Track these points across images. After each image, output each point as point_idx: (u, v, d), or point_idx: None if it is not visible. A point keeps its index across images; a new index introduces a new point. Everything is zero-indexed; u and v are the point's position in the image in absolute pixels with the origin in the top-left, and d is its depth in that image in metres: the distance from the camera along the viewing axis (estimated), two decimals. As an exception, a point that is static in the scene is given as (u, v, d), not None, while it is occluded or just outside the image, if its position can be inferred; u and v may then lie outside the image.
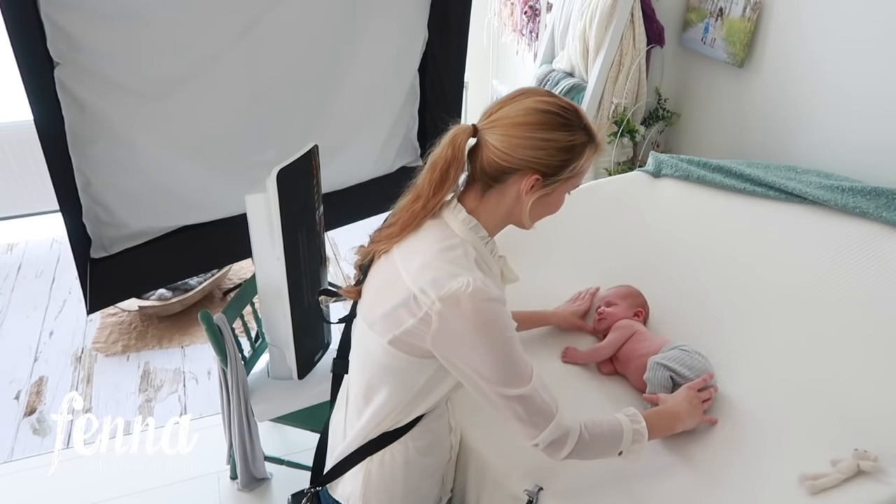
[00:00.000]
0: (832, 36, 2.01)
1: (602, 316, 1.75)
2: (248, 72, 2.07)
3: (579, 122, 1.08)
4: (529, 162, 1.05)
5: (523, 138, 1.05)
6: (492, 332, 1.04)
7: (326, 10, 2.13)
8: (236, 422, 1.97)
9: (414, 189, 1.12)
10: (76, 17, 1.71)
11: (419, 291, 1.04)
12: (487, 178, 1.09)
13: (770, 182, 1.88)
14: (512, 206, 1.12)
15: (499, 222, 1.15)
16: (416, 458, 1.20)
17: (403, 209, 1.12)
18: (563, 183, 1.10)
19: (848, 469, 1.27)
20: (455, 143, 1.07)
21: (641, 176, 2.11)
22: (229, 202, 2.21)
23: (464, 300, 1.01)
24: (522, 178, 1.07)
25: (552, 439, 1.09)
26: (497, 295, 1.04)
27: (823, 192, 1.79)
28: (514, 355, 1.07)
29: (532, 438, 1.09)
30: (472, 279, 1.02)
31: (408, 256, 1.10)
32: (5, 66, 1.85)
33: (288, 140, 2.19)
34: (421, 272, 1.05)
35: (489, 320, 1.03)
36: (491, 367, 1.05)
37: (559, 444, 1.10)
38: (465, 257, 1.07)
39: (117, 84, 1.87)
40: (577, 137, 1.07)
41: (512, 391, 1.06)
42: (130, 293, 2.59)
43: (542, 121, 1.05)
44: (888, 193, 1.71)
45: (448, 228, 1.11)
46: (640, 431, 1.20)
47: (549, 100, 1.07)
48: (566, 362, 1.67)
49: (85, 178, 1.95)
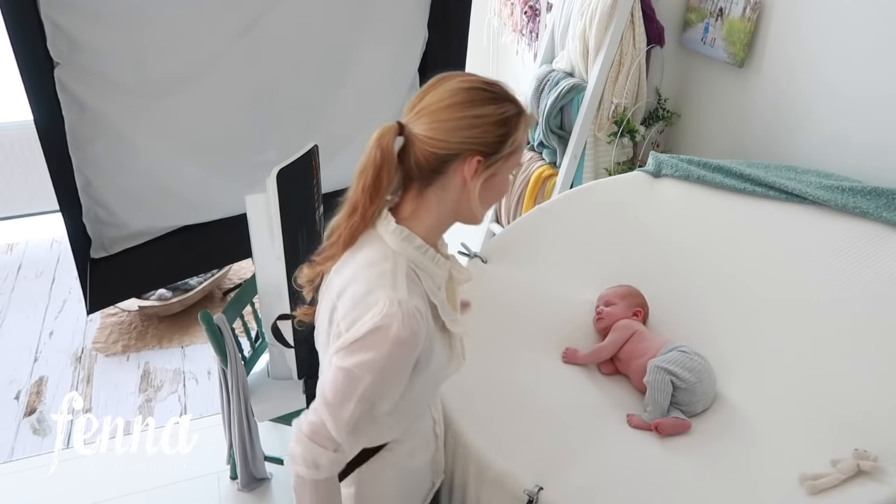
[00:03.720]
0: (832, 36, 2.01)
1: (601, 315, 1.75)
2: (249, 72, 2.07)
3: (506, 94, 1.04)
4: (467, 143, 1.00)
5: (455, 119, 0.99)
6: (374, 360, 0.98)
7: (326, 10, 2.13)
8: (236, 422, 1.97)
9: (348, 201, 1.05)
10: (76, 17, 1.71)
11: (340, 311, 1.02)
12: (425, 175, 1.03)
13: (770, 182, 1.88)
14: (458, 200, 1.05)
15: (443, 222, 1.08)
16: (406, 460, 1.21)
17: (341, 225, 1.06)
18: (504, 161, 1.04)
19: (848, 469, 1.27)
20: (382, 143, 1.01)
21: (641, 176, 2.11)
22: (229, 202, 2.21)
23: (372, 324, 0.97)
24: (463, 163, 1.01)
25: (301, 455, 1.04)
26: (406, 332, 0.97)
27: (823, 192, 1.79)
28: (371, 391, 1.00)
29: (300, 432, 1.05)
30: (389, 301, 0.97)
31: (341, 273, 1.06)
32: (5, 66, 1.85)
33: (288, 140, 2.18)
34: (345, 288, 1.02)
35: (383, 352, 0.97)
36: (346, 379, 1.00)
37: (297, 461, 1.05)
38: (391, 272, 1.01)
39: (117, 84, 1.87)
40: (507, 109, 1.02)
41: (337, 408, 1.01)
42: (130, 293, 2.59)
43: (469, 98, 1.00)
44: (888, 193, 1.71)
45: (381, 242, 1.05)
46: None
47: (471, 78, 1.03)
48: (567, 363, 1.68)
49: (85, 178, 1.95)
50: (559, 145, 2.68)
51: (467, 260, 1.81)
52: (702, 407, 1.55)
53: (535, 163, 2.81)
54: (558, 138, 2.68)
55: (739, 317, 1.73)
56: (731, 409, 1.52)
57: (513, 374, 1.58)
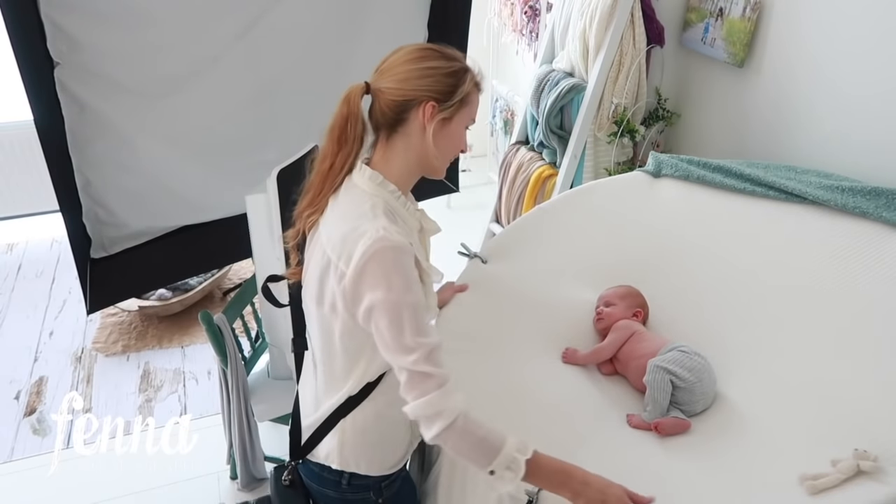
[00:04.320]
0: (832, 36, 2.01)
1: (601, 316, 1.75)
2: (249, 72, 2.07)
3: (453, 55, 1.19)
4: (421, 90, 1.14)
5: (410, 71, 1.15)
6: (391, 280, 1.07)
7: (326, 10, 2.13)
8: (236, 422, 1.97)
9: (320, 154, 1.20)
10: (76, 17, 1.71)
11: (335, 256, 1.11)
12: (389, 123, 1.17)
13: (770, 182, 1.88)
14: (419, 146, 1.18)
15: (411, 170, 1.21)
16: (386, 409, 1.25)
17: (314, 174, 1.21)
18: (458, 109, 1.17)
19: (848, 469, 1.27)
20: (349, 99, 1.16)
21: (641, 176, 2.11)
22: (229, 202, 2.21)
23: (369, 254, 1.07)
24: (419, 108, 1.15)
25: (422, 414, 1.08)
26: (399, 241, 1.09)
27: (823, 192, 1.79)
28: (407, 314, 1.08)
29: (407, 402, 1.09)
30: (375, 229, 1.08)
31: (328, 225, 1.18)
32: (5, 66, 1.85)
33: (288, 140, 2.18)
34: (335, 236, 1.13)
35: (389, 268, 1.08)
36: (385, 322, 1.08)
37: (428, 421, 1.08)
38: (371, 210, 1.13)
39: (117, 84, 1.87)
40: (455, 64, 1.18)
41: (400, 356, 1.08)
42: (130, 293, 2.59)
43: (423, 55, 1.17)
44: (888, 193, 1.71)
45: (359, 189, 1.17)
46: (518, 462, 1.10)
47: (428, 44, 1.21)
48: (566, 363, 1.67)
49: (85, 178, 1.95)
50: (559, 145, 2.68)
51: (467, 260, 1.81)
52: (702, 407, 1.54)
53: (535, 163, 2.81)
54: (558, 138, 2.68)
55: (739, 317, 1.73)
56: (730, 409, 1.52)
57: (512, 374, 1.58)
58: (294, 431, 1.33)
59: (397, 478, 1.34)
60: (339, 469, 1.26)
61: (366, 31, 2.25)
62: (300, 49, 2.15)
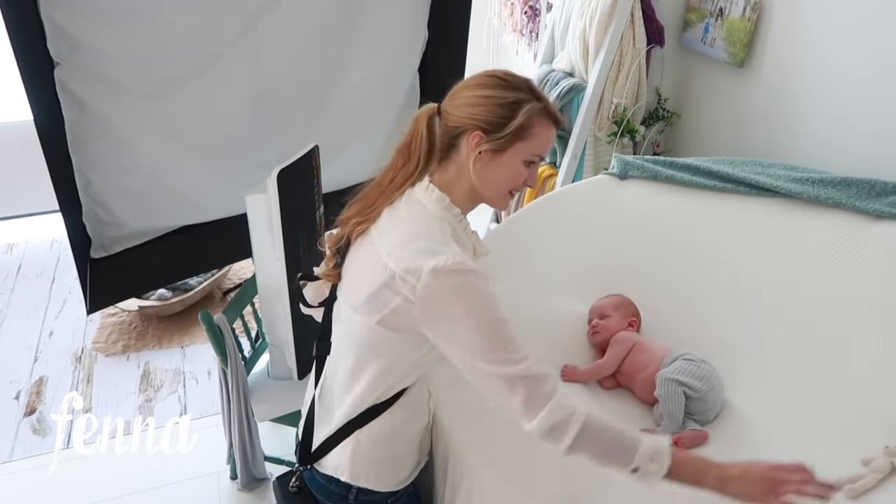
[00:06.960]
0: (832, 36, 2.01)
1: (596, 329, 1.68)
2: (249, 72, 2.07)
3: (524, 85, 1.14)
4: (469, 118, 1.11)
5: (467, 98, 1.13)
6: (476, 305, 1.05)
7: (326, 10, 2.13)
8: (236, 422, 1.97)
9: (385, 169, 1.20)
10: (76, 17, 1.71)
11: (402, 270, 1.06)
12: (443, 147, 1.15)
13: (739, 178, 1.86)
14: (468, 174, 1.14)
15: (467, 196, 1.17)
16: (403, 424, 1.24)
17: (371, 185, 1.20)
18: (511, 142, 1.12)
19: (883, 467, 1.26)
20: (418, 118, 1.16)
21: (607, 179, 2.05)
22: (229, 202, 2.21)
23: (445, 275, 1.03)
24: (468, 136, 1.12)
25: (551, 423, 1.01)
26: (476, 269, 1.06)
27: (794, 185, 1.78)
28: (501, 330, 1.05)
29: (528, 422, 1.02)
30: (452, 254, 1.05)
31: (386, 237, 1.13)
32: (5, 66, 1.85)
33: (288, 140, 2.19)
34: (401, 251, 1.09)
35: (473, 294, 1.05)
36: (478, 343, 1.03)
37: (560, 429, 1.01)
38: (442, 234, 1.11)
39: (117, 84, 1.87)
40: (515, 95, 1.12)
41: (503, 368, 1.03)
42: (130, 293, 2.59)
43: (484, 82, 1.14)
44: (858, 183, 1.72)
45: (421, 206, 1.14)
46: (661, 453, 1.02)
47: (499, 70, 1.16)
48: (566, 381, 1.59)
49: (85, 178, 1.95)
50: (559, 145, 2.68)
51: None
52: (714, 414, 1.51)
53: (535, 163, 2.81)
54: (558, 138, 2.68)
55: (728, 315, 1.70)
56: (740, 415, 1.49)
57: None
58: (306, 436, 1.31)
59: (403, 494, 1.32)
60: (348, 482, 1.24)
61: (366, 31, 2.25)
62: (300, 50, 2.15)
